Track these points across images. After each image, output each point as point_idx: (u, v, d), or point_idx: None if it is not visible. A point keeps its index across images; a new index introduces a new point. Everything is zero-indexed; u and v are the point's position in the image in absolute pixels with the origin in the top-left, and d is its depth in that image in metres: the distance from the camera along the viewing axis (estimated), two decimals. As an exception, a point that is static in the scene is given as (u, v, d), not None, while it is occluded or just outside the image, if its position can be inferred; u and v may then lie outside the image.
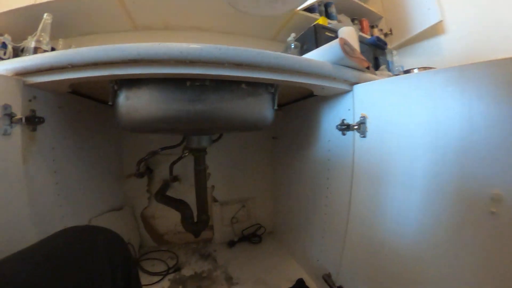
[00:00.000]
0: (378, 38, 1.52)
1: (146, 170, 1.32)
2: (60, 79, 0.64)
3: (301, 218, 1.20)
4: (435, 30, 1.48)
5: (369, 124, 0.76)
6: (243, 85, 0.71)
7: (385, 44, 1.57)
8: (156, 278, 1.12)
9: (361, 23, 1.72)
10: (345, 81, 0.81)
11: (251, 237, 1.48)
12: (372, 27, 1.80)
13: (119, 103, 0.68)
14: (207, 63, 0.61)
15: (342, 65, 0.78)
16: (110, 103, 0.69)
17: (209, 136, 0.98)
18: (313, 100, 1.05)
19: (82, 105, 0.97)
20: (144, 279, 1.12)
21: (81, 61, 0.60)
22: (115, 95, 0.69)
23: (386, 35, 1.77)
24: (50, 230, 0.73)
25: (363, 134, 0.78)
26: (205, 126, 0.71)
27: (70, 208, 0.86)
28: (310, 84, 0.75)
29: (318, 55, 0.79)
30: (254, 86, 0.73)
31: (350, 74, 0.80)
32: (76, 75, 0.63)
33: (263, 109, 0.76)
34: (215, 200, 1.48)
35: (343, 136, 0.87)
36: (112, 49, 0.59)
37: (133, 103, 0.66)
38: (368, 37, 1.61)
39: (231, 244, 1.42)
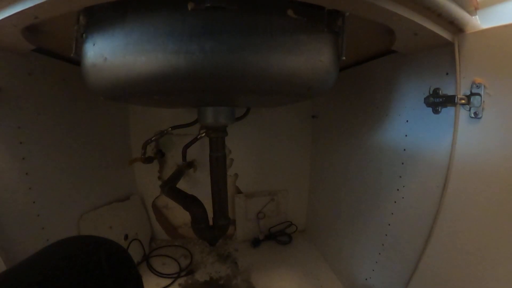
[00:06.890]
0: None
1: (156, 154, 1.12)
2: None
3: (346, 222, 0.95)
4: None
5: (489, 98, 0.46)
6: (290, 12, 0.40)
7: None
8: (164, 282, 0.94)
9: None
10: (450, 23, 0.50)
11: (279, 235, 1.25)
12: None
13: (84, 54, 0.45)
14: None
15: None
16: (72, 54, 0.46)
17: (230, 109, 0.68)
18: (383, 62, 0.73)
19: (66, 71, 0.75)
20: (152, 281, 0.95)
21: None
22: (81, 45, 0.46)
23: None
24: (17, 234, 0.55)
25: (475, 112, 0.48)
26: (220, 83, 0.40)
27: (49, 204, 0.68)
28: (402, 18, 0.43)
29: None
30: (310, 16, 0.42)
31: (459, 13, 0.48)
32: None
33: (324, 57, 0.45)
34: (238, 191, 1.25)
35: (435, 115, 0.56)
36: None
37: (100, 49, 0.41)
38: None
39: (256, 243, 1.21)
